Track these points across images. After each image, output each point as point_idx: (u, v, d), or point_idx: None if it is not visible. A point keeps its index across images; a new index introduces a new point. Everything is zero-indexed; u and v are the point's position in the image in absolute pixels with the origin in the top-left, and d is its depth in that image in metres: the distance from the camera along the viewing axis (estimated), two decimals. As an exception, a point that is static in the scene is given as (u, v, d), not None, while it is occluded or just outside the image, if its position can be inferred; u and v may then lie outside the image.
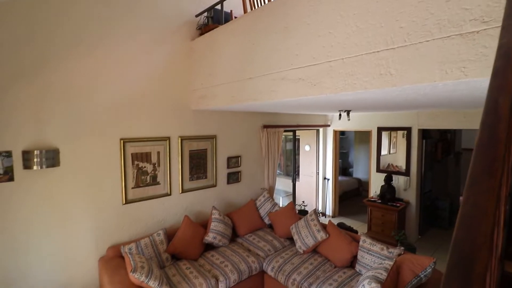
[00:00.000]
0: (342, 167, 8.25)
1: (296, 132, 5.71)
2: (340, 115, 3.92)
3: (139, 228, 3.18)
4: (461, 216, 0.47)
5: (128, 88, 3.01)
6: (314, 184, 6.14)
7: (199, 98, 3.36)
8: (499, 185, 0.52)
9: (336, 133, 5.94)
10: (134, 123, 3.09)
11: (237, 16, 3.07)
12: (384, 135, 5.13)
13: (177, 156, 3.49)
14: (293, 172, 5.80)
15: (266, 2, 2.92)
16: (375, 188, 5.21)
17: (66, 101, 2.63)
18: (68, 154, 2.66)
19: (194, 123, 3.65)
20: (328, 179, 6.05)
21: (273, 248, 3.47)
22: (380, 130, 5.13)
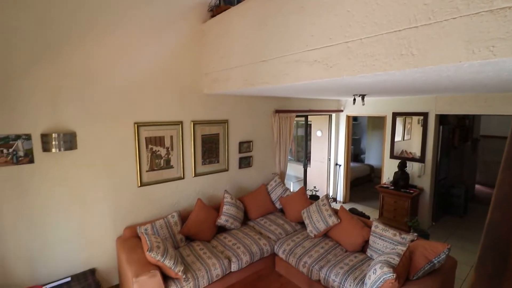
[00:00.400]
0: (353, 153, 8.15)
1: (308, 117, 5.64)
2: (354, 99, 3.81)
3: (154, 210, 3.27)
4: (496, 198, 0.45)
5: (141, 72, 3.01)
6: (325, 170, 6.11)
7: (211, 82, 3.33)
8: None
9: (349, 118, 5.83)
10: (148, 107, 3.11)
11: (250, -3, 2.97)
12: (398, 121, 4.99)
13: (190, 141, 3.52)
14: (304, 158, 5.78)
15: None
16: (388, 175, 5.14)
17: (82, 85, 2.66)
18: (84, 137, 2.72)
19: (206, 107, 3.64)
20: (340, 165, 6.00)
21: (284, 231, 3.51)
22: (395, 115, 5.00)
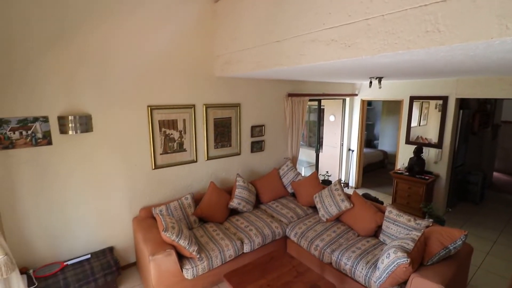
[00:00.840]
0: (367, 139, 7.99)
1: (321, 101, 5.52)
2: (371, 82, 3.68)
3: (168, 192, 3.34)
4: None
5: (154, 55, 2.99)
6: (338, 155, 6.03)
7: (223, 64, 3.27)
8: None
9: (363, 102, 5.68)
10: (160, 90, 3.10)
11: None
12: (415, 105, 4.82)
13: (202, 124, 3.52)
14: (316, 143, 5.71)
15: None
16: (403, 161, 5.03)
17: (97, 69, 2.66)
18: (100, 120, 2.76)
19: (219, 91, 3.61)
20: (353, 151, 5.91)
21: (296, 215, 3.52)
22: (413, 99, 4.82)
